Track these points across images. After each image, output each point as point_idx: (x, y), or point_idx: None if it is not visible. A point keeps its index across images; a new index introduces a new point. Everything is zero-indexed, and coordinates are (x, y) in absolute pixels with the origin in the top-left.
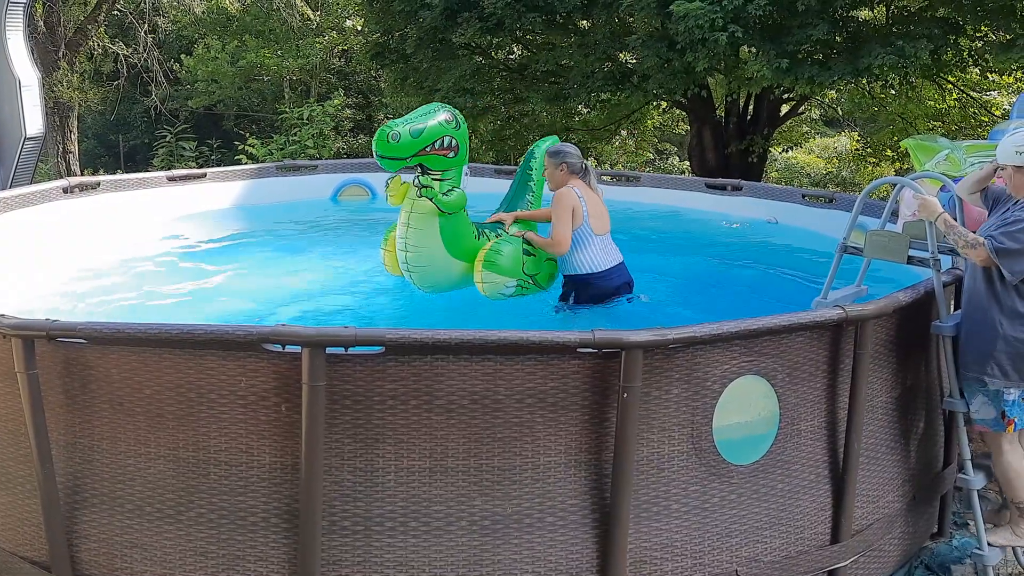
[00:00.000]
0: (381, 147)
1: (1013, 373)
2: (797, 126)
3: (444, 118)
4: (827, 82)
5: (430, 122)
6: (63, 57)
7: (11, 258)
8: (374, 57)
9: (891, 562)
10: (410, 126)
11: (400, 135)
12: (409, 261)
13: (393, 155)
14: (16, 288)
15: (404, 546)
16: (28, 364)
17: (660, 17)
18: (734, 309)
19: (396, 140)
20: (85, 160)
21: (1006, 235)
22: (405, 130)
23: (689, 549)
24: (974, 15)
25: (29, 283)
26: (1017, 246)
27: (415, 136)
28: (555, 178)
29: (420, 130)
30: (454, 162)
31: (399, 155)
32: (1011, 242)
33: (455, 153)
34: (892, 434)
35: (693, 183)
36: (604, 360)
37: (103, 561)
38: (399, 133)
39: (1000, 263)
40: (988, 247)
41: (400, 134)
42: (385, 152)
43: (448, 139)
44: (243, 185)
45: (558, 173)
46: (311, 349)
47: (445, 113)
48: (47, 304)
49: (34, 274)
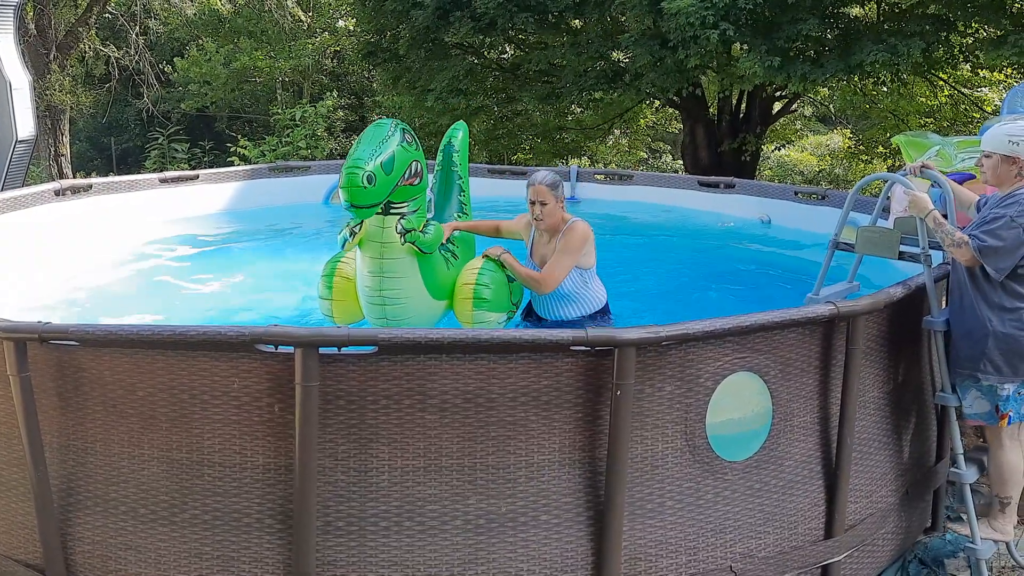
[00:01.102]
0: (356, 196)
1: (1006, 368)
2: (790, 124)
3: (404, 140)
4: (819, 79)
5: (393, 148)
6: (54, 60)
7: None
8: (366, 57)
9: (885, 557)
10: (378, 160)
11: (374, 176)
12: (389, 314)
13: (371, 202)
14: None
15: (399, 546)
16: (20, 367)
17: (652, 15)
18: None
19: (372, 183)
20: (77, 163)
21: (987, 233)
22: (375, 167)
23: (683, 545)
24: (965, 12)
25: (21, 286)
26: (999, 243)
27: (388, 171)
28: (556, 213)
29: (390, 161)
30: (419, 188)
31: (377, 199)
32: (993, 239)
33: (420, 179)
34: (884, 429)
35: (686, 181)
36: (597, 358)
37: (97, 563)
38: (372, 174)
39: (984, 262)
40: (972, 246)
41: (373, 175)
42: (362, 201)
43: (415, 165)
44: (236, 187)
45: (560, 207)
46: (304, 349)
47: (400, 132)
48: (39, 307)
49: (26, 277)
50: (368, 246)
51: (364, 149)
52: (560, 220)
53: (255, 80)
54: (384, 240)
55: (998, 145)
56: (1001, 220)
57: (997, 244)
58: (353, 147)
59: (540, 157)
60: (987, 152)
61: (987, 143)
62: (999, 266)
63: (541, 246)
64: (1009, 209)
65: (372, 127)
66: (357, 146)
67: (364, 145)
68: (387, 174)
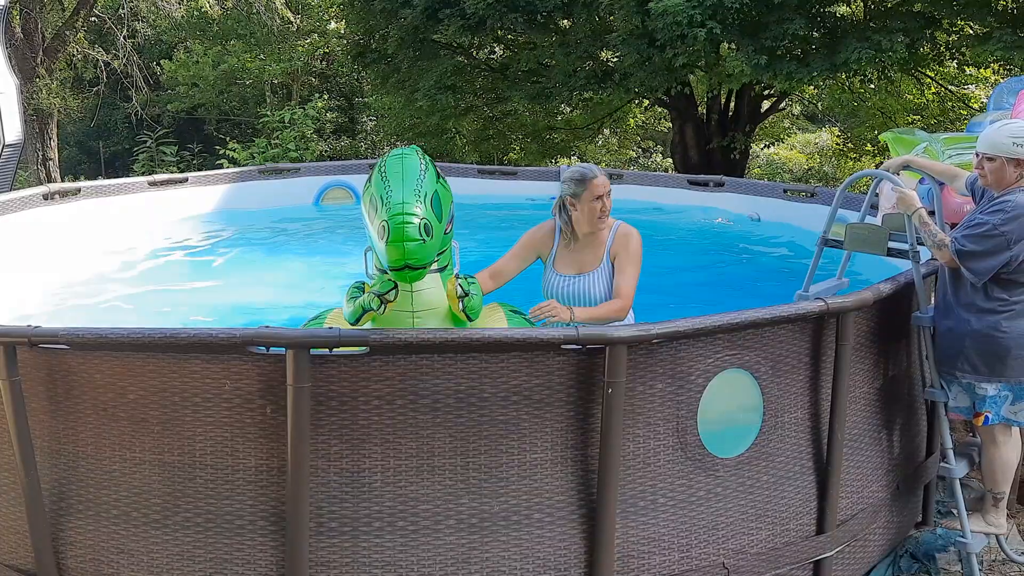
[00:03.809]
0: (416, 253)
1: (983, 367)
2: (778, 122)
3: (434, 172)
4: (805, 78)
5: (433, 186)
6: (41, 64)
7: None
8: (356, 57)
9: (876, 551)
10: (426, 203)
11: (431, 226)
12: None
13: (429, 258)
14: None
15: (392, 546)
16: (10, 371)
17: (640, 15)
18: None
19: (430, 235)
20: (66, 167)
21: (968, 238)
22: (427, 213)
23: (676, 542)
24: (950, 9)
25: (10, 290)
26: (978, 248)
27: (439, 216)
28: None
29: (437, 204)
30: (450, 237)
31: (432, 255)
32: (972, 244)
33: (451, 224)
34: (875, 425)
35: (676, 180)
36: (588, 356)
37: (90, 568)
38: (428, 223)
39: (962, 265)
40: (951, 250)
41: (430, 224)
42: (421, 258)
43: (452, 206)
44: (225, 189)
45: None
46: (295, 351)
47: (433, 165)
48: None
49: (15, 281)
50: (396, 317)
51: (402, 190)
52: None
53: (244, 82)
54: (419, 308)
55: (1001, 148)
56: (984, 226)
57: (976, 249)
58: (379, 186)
59: (530, 157)
60: (989, 155)
61: (988, 147)
62: (978, 271)
63: (574, 253)
64: (993, 217)
65: (395, 159)
66: (386, 185)
67: (398, 184)
68: (439, 221)
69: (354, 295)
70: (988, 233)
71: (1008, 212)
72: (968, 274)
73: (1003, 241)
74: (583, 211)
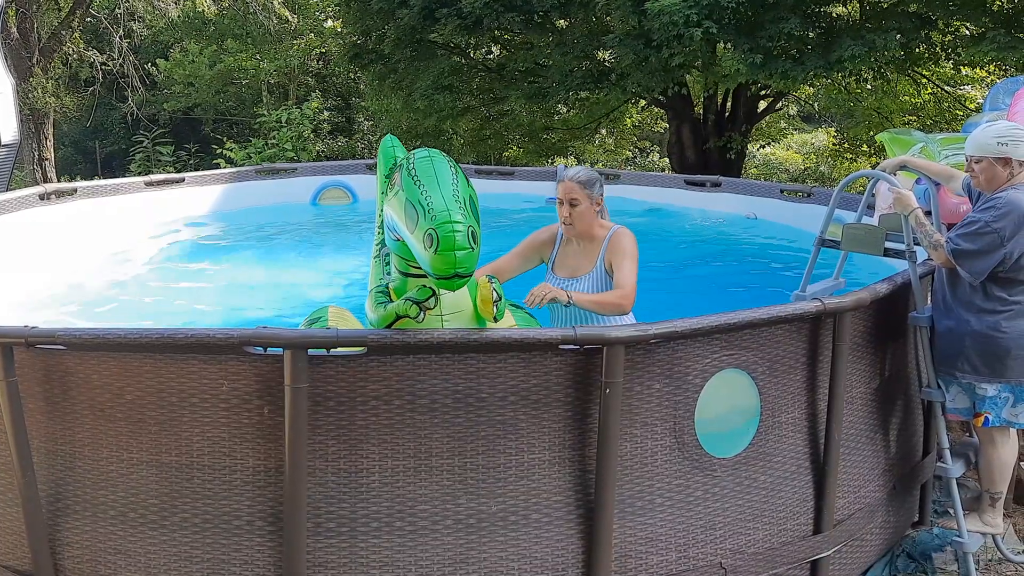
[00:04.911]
0: (468, 261)
1: (983, 368)
2: (775, 122)
3: (463, 175)
4: (800, 77)
5: (463, 188)
6: (37, 63)
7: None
8: (352, 59)
9: (873, 551)
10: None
11: (476, 232)
12: None
13: (476, 264)
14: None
15: (390, 546)
16: (7, 371)
17: (636, 15)
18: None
19: (477, 241)
20: (62, 167)
21: (963, 237)
22: (468, 214)
23: (673, 542)
24: (945, 9)
25: (7, 290)
26: (974, 247)
27: (477, 216)
28: (589, 217)
29: (473, 206)
30: None
31: (478, 259)
32: (967, 243)
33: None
34: (872, 425)
35: (673, 180)
36: (586, 357)
37: (87, 568)
38: (474, 229)
39: (959, 265)
40: (946, 250)
41: (476, 231)
42: (471, 267)
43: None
44: (222, 189)
45: (595, 210)
46: (293, 351)
47: (453, 164)
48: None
49: (12, 281)
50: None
51: (442, 196)
52: (596, 227)
53: (240, 82)
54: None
55: (987, 149)
56: (977, 224)
57: (971, 248)
58: (412, 191)
59: (527, 157)
60: (977, 157)
61: (974, 149)
62: (974, 270)
63: (571, 256)
64: (985, 214)
65: (424, 162)
66: (422, 191)
67: (435, 189)
68: (479, 222)
69: (381, 300)
70: (981, 231)
71: (1000, 208)
72: (965, 273)
73: (996, 238)
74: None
